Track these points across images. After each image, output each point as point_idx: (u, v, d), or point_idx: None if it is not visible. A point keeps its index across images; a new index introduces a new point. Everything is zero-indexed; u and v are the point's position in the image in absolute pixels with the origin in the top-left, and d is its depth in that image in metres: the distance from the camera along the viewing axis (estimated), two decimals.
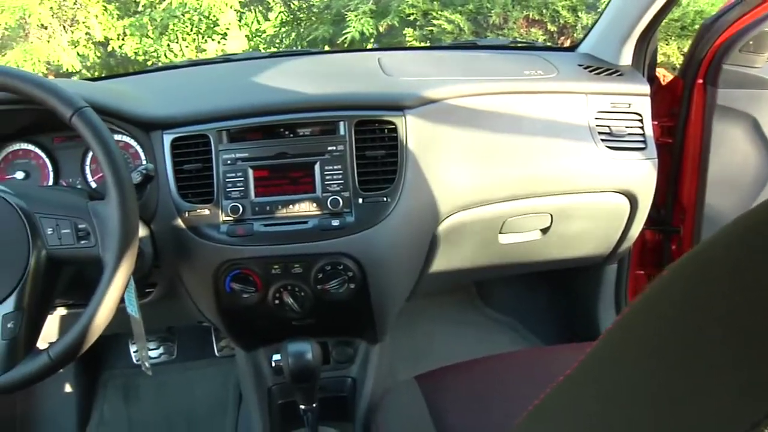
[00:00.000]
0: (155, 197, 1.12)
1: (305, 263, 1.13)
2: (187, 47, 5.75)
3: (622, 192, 1.33)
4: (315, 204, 1.12)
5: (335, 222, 1.11)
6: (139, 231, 0.95)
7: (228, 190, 1.11)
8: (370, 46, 4.81)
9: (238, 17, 5.87)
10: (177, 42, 5.67)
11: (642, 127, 1.33)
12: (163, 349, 1.87)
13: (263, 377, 1.38)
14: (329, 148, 1.12)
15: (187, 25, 5.63)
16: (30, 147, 1.19)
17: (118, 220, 0.89)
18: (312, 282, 1.15)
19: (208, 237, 1.11)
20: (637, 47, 1.41)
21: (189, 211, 1.12)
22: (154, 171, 1.09)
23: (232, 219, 1.11)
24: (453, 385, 1.14)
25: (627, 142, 1.31)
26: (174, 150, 1.13)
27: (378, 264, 1.16)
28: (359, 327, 1.34)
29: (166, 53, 5.60)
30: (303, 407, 1.19)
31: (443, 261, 1.32)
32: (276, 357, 1.28)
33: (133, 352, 1.84)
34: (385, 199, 1.12)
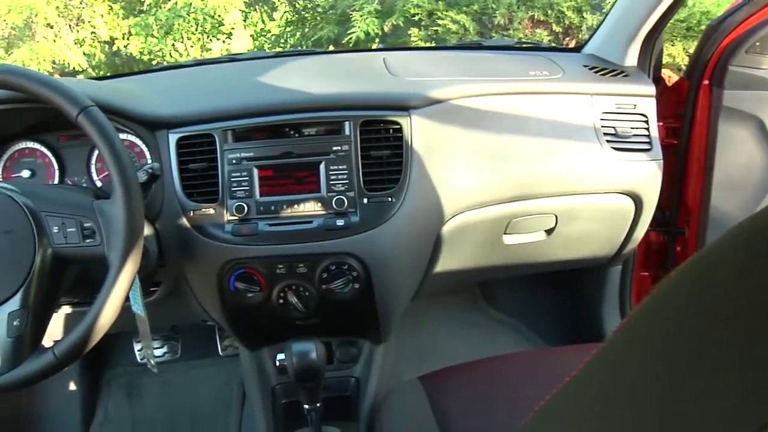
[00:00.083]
0: (160, 196, 1.12)
1: (310, 263, 1.13)
2: (192, 47, 5.77)
3: (627, 193, 1.33)
4: (320, 204, 1.12)
5: (340, 222, 1.11)
6: (144, 230, 0.95)
7: (233, 189, 1.11)
8: (375, 46, 4.81)
9: (243, 17, 5.88)
10: (182, 41, 5.69)
11: (647, 128, 1.33)
12: (167, 348, 1.87)
13: (267, 376, 1.38)
14: (334, 147, 1.12)
15: (192, 25, 5.65)
16: (36, 146, 1.19)
17: (123, 219, 0.90)
18: (316, 282, 1.15)
19: (212, 236, 1.11)
20: (643, 48, 1.41)
21: (194, 211, 1.12)
22: (159, 170, 1.09)
23: (236, 218, 1.11)
24: (457, 386, 1.14)
25: (632, 143, 1.31)
26: (179, 149, 1.13)
27: (382, 264, 1.16)
28: (363, 327, 1.34)
29: (171, 53, 5.63)
30: (307, 407, 1.19)
31: (447, 261, 1.32)
32: (280, 356, 1.29)
33: (138, 350, 1.85)
34: (390, 199, 1.12)
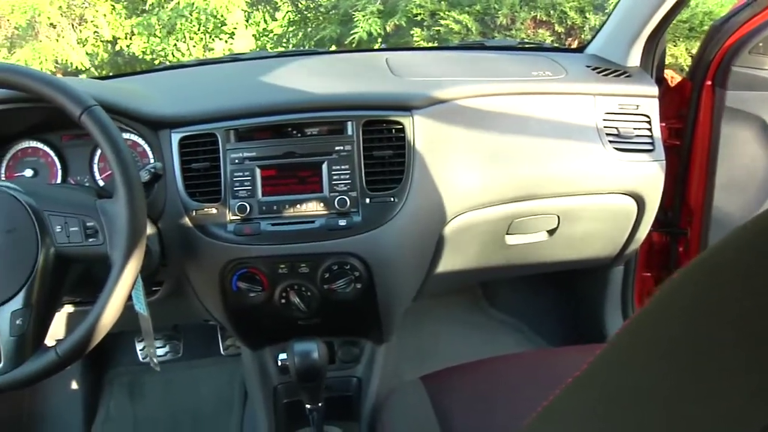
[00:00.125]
0: (163, 196, 1.12)
1: (312, 263, 1.13)
2: (195, 47, 5.77)
3: (629, 194, 1.33)
4: (322, 203, 1.12)
5: (342, 222, 1.11)
6: (147, 229, 0.95)
7: (235, 189, 1.11)
8: (377, 46, 4.81)
9: (245, 17, 5.88)
10: (184, 41, 5.69)
11: (650, 129, 1.33)
12: (169, 348, 1.87)
13: (269, 376, 1.38)
14: (337, 147, 1.12)
15: (195, 25, 5.65)
16: (39, 145, 1.19)
17: (126, 218, 0.90)
18: (318, 281, 1.15)
19: (215, 236, 1.11)
20: (646, 48, 1.40)
21: (196, 210, 1.12)
22: (162, 170, 1.09)
23: (239, 218, 1.11)
24: (458, 386, 1.14)
25: (635, 143, 1.31)
26: (182, 149, 1.13)
27: (385, 264, 1.16)
28: (365, 327, 1.34)
29: (173, 52, 5.63)
30: (308, 407, 1.19)
31: (449, 261, 1.32)
32: (282, 356, 1.28)
33: (140, 349, 1.85)
34: (393, 199, 1.12)
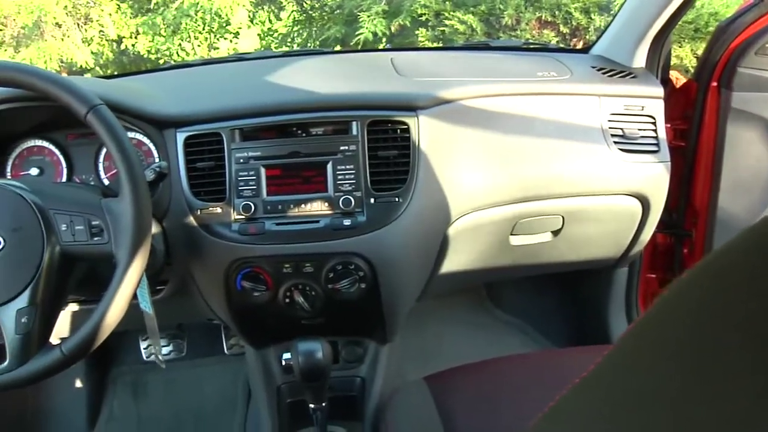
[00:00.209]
0: (168, 195, 1.12)
1: (316, 262, 1.13)
2: (199, 46, 5.79)
3: (634, 195, 1.32)
4: (327, 203, 1.12)
5: (347, 222, 1.11)
6: (152, 228, 0.95)
7: (240, 188, 1.12)
8: (382, 46, 4.81)
9: (250, 17, 5.89)
10: (189, 41, 5.70)
11: (655, 130, 1.32)
12: (173, 347, 1.88)
13: (273, 375, 1.38)
14: (342, 147, 1.12)
15: (200, 24, 5.66)
16: (44, 144, 1.19)
17: (131, 217, 0.90)
18: (323, 281, 1.15)
19: (219, 235, 1.12)
20: (651, 49, 1.40)
21: (201, 209, 1.12)
22: (167, 169, 1.09)
23: (243, 217, 1.11)
24: (462, 386, 1.14)
25: (640, 144, 1.31)
26: (187, 148, 1.13)
27: (389, 264, 1.16)
28: (369, 327, 1.34)
29: (178, 52, 5.64)
30: (312, 406, 1.19)
31: (454, 262, 1.32)
32: (286, 356, 1.29)
33: (143, 348, 1.86)
34: (397, 200, 1.12)
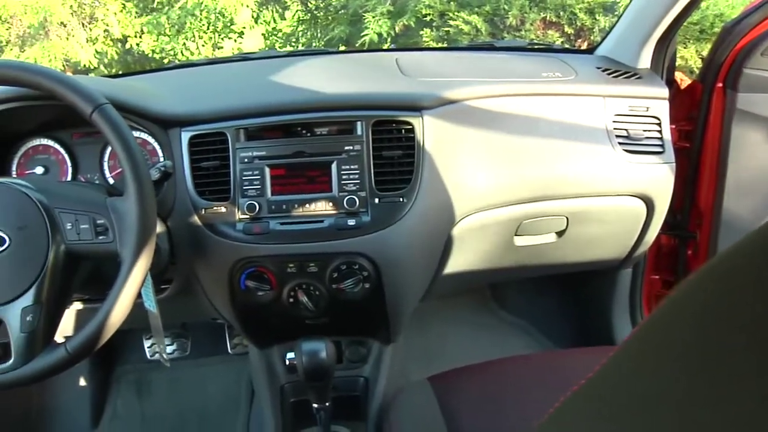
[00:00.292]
0: (172, 194, 1.12)
1: (321, 262, 1.13)
2: (204, 45, 5.79)
3: (638, 196, 1.32)
4: (331, 203, 1.12)
5: (351, 221, 1.11)
6: (156, 227, 0.95)
7: (245, 188, 1.12)
8: (387, 46, 4.81)
9: (254, 16, 5.89)
10: (194, 40, 5.71)
11: (660, 131, 1.32)
12: (177, 346, 1.88)
13: (276, 375, 1.38)
14: (346, 147, 1.12)
15: (204, 24, 5.67)
16: (49, 143, 1.20)
17: (136, 216, 0.90)
18: (327, 281, 1.15)
19: (224, 234, 1.12)
20: (656, 50, 1.40)
21: (205, 209, 1.12)
22: (171, 168, 1.10)
23: (248, 217, 1.11)
24: (466, 387, 1.14)
25: (644, 145, 1.30)
26: (192, 147, 1.13)
27: (393, 264, 1.16)
28: (373, 327, 1.34)
29: (182, 51, 5.65)
30: (316, 406, 1.20)
31: (458, 262, 1.32)
32: (290, 355, 1.29)
33: (147, 347, 1.86)
34: (402, 200, 1.12)
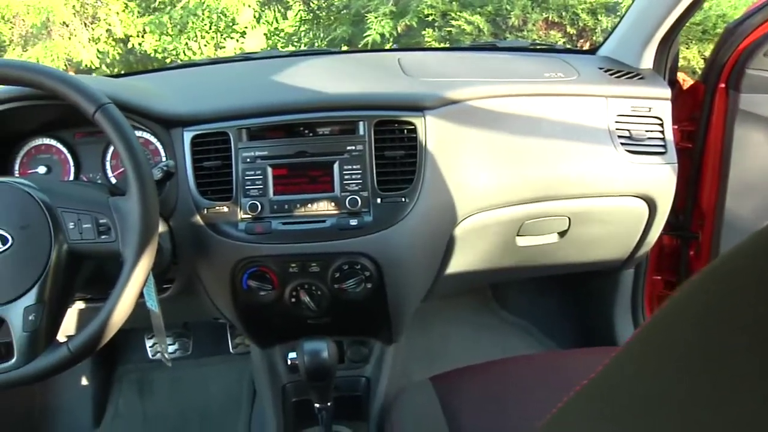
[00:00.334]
0: (175, 194, 1.13)
1: (322, 262, 1.13)
2: (206, 45, 5.79)
3: (640, 196, 1.32)
4: (333, 203, 1.12)
5: (353, 221, 1.11)
6: (159, 227, 0.95)
7: (247, 187, 1.12)
8: (389, 46, 4.81)
9: (256, 16, 5.89)
10: (196, 40, 5.71)
11: (662, 132, 1.32)
12: (179, 345, 1.88)
13: (278, 375, 1.38)
14: (348, 147, 1.12)
15: (206, 24, 5.67)
16: (52, 142, 1.20)
17: (138, 215, 0.90)
18: (329, 281, 1.15)
19: (226, 234, 1.12)
20: (659, 51, 1.40)
21: (208, 208, 1.12)
22: (174, 168, 1.09)
23: (250, 217, 1.11)
24: (468, 387, 1.14)
25: (647, 146, 1.30)
26: (194, 147, 1.13)
27: (395, 264, 1.16)
28: (375, 327, 1.34)
29: (184, 51, 5.65)
30: (317, 406, 1.20)
31: (460, 262, 1.32)
32: (292, 355, 1.29)
33: (149, 347, 1.86)
34: (404, 200, 1.12)
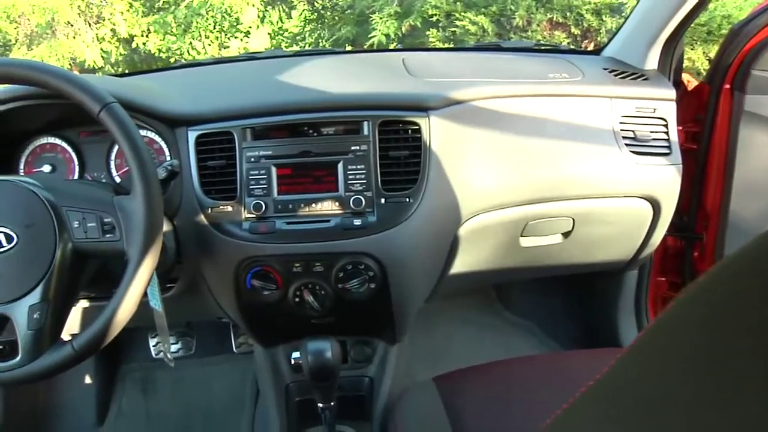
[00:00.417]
0: (179, 193, 1.13)
1: (326, 262, 1.14)
2: (210, 45, 5.81)
3: (645, 197, 1.32)
4: (337, 203, 1.12)
5: (357, 221, 1.11)
6: (163, 226, 0.96)
7: (251, 187, 1.12)
8: (393, 46, 4.82)
9: (260, 16, 5.90)
10: (200, 39, 5.72)
11: (667, 133, 1.32)
12: (182, 344, 1.89)
13: (281, 374, 1.38)
14: (353, 147, 1.12)
15: (210, 23, 5.69)
16: (57, 141, 1.20)
17: (143, 214, 0.90)
18: (333, 281, 1.15)
19: (230, 233, 1.12)
20: (664, 51, 1.39)
21: (212, 208, 1.12)
22: (178, 167, 1.10)
23: (254, 216, 1.11)
24: (471, 387, 1.14)
25: (651, 147, 1.30)
26: (198, 146, 1.13)
27: (399, 264, 1.16)
28: (378, 327, 1.34)
29: (188, 50, 5.67)
30: (321, 405, 1.20)
31: (464, 262, 1.32)
32: (295, 354, 1.29)
33: (153, 345, 1.86)
34: (408, 200, 1.12)
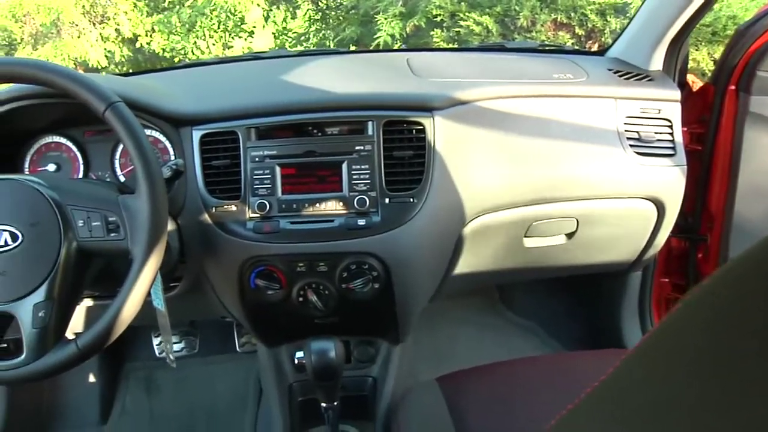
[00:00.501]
0: (183, 192, 1.13)
1: (330, 262, 1.14)
2: (214, 44, 5.81)
3: (649, 198, 1.32)
4: (341, 203, 1.12)
5: (361, 221, 1.11)
6: (168, 225, 0.96)
7: (255, 187, 1.12)
8: (398, 46, 4.82)
9: (264, 16, 5.91)
10: (204, 39, 5.73)
11: (671, 134, 1.31)
12: (185, 344, 1.89)
13: (284, 374, 1.39)
14: (357, 147, 1.12)
15: (215, 23, 5.69)
16: (62, 140, 1.20)
17: (147, 214, 0.91)
18: (336, 281, 1.15)
19: (234, 233, 1.12)
20: (668, 52, 1.39)
21: (216, 207, 1.12)
22: (183, 166, 1.10)
23: (258, 216, 1.11)
24: (474, 388, 1.14)
25: (656, 148, 1.30)
26: (203, 146, 1.13)
27: (403, 264, 1.16)
28: (382, 327, 1.34)
29: (193, 50, 5.67)
30: (324, 405, 1.20)
31: (468, 263, 1.32)
32: (299, 354, 1.29)
33: (156, 344, 1.87)
34: (412, 200, 1.12)
